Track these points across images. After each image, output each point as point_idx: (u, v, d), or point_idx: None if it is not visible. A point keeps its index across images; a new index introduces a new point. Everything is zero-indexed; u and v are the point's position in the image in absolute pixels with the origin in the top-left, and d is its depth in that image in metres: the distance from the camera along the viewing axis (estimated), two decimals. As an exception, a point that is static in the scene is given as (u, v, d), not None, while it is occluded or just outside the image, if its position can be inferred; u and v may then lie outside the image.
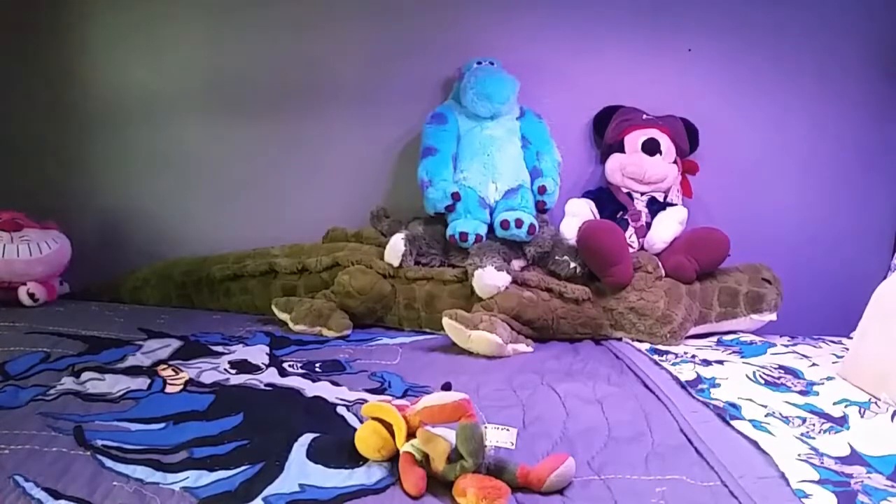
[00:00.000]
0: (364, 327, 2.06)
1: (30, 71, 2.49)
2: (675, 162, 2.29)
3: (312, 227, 2.37)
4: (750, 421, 1.35)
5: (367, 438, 1.16)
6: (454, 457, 1.09)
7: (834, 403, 1.44)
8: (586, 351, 1.94)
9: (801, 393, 1.53)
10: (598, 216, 2.22)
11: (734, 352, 1.90)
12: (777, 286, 2.13)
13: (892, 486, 1.11)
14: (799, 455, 1.20)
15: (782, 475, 1.13)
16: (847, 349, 1.81)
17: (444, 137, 2.22)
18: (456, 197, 2.12)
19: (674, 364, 1.76)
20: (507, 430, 1.12)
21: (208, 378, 1.52)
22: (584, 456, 1.22)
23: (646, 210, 2.25)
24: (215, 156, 2.49)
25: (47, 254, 2.12)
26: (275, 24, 2.42)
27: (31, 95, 2.51)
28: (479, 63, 2.27)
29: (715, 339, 2.07)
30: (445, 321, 1.83)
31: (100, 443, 1.16)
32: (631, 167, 2.25)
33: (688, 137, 2.33)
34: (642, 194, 2.27)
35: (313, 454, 1.16)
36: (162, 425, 1.26)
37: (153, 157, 2.51)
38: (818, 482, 1.10)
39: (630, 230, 2.22)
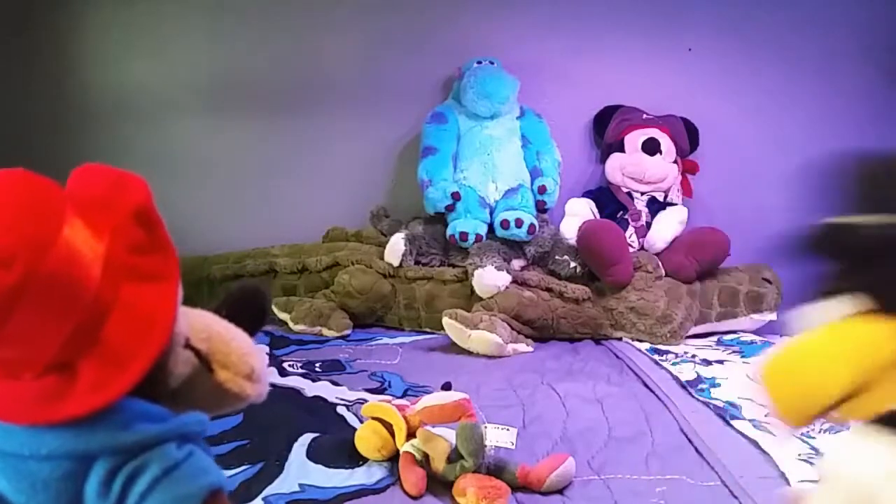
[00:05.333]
0: (364, 327, 2.06)
1: (30, 71, 2.49)
2: (675, 162, 2.29)
3: (312, 227, 2.37)
4: (750, 421, 1.35)
5: (367, 438, 1.16)
6: (454, 457, 1.09)
7: (834, 403, 1.44)
8: (586, 351, 1.94)
9: (802, 393, 1.53)
10: (598, 216, 2.22)
11: (734, 351, 1.90)
12: (777, 286, 2.13)
13: (893, 486, 1.10)
14: (799, 455, 1.20)
15: (782, 475, 1.13)
16: (847, 349, 1.81)
17: (444, 137, 2.22)
18: (456, 196, 2.12)
19: (674, 364, 1.76)
20: (507, 429, 1.12)
21: (208, 378, 1.52)
22: (584, 456, 1.22)
23: (646, 210, 2.25)
24: (215, 155, 2.49)
25: (47, 254, 2.11)
26: (275, 23, 2.41)
27: (31, 95, 2.50)
28: (479, 63, 2.26)
29: (715, 338, 2.06)
30: (445, 321, 1.83)
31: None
32: (631, 167, 2.25)
33: (688, 137, 2.33)
34: (642, 194, 2.27)
35: (313, 454, 1.16)
36: (162, 425, 1.26)
37: (153, 156, 2.50)
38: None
39: (630, 230, 2.22)
